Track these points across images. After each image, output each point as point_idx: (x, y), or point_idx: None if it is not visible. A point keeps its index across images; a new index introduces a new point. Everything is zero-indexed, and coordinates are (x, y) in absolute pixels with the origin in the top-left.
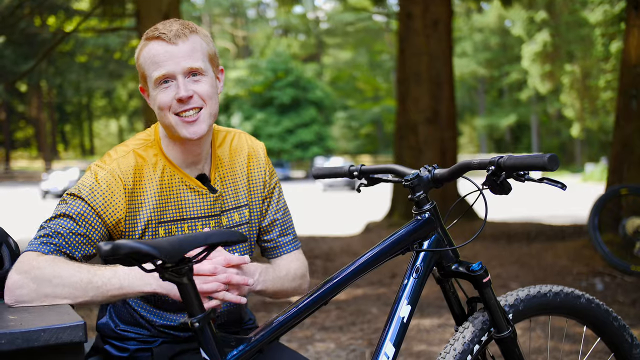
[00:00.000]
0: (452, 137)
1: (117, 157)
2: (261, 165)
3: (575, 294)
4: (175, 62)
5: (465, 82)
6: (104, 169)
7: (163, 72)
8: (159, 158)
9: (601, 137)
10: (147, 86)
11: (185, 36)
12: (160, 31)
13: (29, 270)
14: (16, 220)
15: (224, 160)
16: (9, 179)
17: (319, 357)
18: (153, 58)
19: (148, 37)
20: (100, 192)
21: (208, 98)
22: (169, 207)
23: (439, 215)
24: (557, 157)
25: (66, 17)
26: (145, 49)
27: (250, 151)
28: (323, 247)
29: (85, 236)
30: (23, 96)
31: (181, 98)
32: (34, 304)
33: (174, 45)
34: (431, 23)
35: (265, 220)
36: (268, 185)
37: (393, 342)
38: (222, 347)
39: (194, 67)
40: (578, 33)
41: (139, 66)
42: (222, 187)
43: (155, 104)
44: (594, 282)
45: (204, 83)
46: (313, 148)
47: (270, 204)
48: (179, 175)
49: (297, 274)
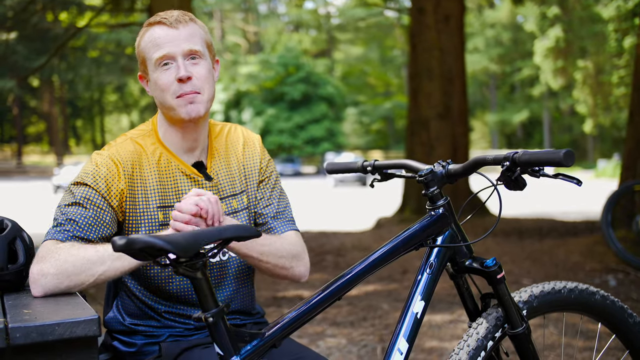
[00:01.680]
0: (464, 132)
1: (115, 144)
2: (256, 154)
3: (590, 290)
4: (175, 44)
5: (477, 78)
6: (102, 155)
7: (164, 52)
8: (156, 146)
9: (614, 133)
10: (146, 72)
11: (186, 22)
12: (161, 17)
13: (49, 258)
14: (29, 215)
15: (220, 150)
16: (21, 174)
17: (330, 353)
18: (154, 41)
19: (149, 23)
20: (101, 176)
21: (206, 81)
22: (166, 192)
23: (452, 211)
24: (572, 153)
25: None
26: (146, 34)
27: (246, 141)
28: (334, 243)
29: (97, 219)
30: (35, 91)
31: (181, 78)
32: (60, 290)
33: (174, 29)
34: (443, 18)
35: (260, 204)
36: (264, 171)
37: (406, 338)
38: (235, 342)
39: (194, 49)
40: (591, 28)
41: (139, 52)
42: (217, 175)
43: (157, 85)
44: (607, 278)
45: (202, 67)
46: (324, 144)
47: (266, 188)
48: (176, 162)
49: (287, 250)
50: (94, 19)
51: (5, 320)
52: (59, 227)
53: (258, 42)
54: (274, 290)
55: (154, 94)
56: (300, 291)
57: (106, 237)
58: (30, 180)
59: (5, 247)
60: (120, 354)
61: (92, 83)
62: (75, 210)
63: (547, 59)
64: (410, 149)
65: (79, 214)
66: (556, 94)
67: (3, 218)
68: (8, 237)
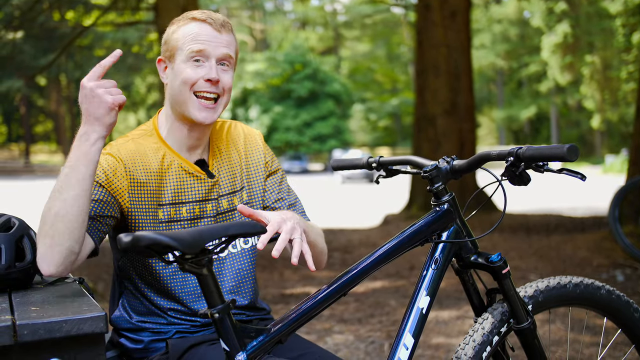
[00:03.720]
0: (471, 129)
1: (116, 144)
2: (259, 149)
3: (596, 285)
4: (214, 46)
5: (484, 74)
6: (104, 154)
7: (202, 47)
8: (159, 145)
9: (622, 129)
10: (172, 59)
11: (228, 29)
12: (207, 15)
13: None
14: (36, 214)
15: (221, 147)
16: (28, 173)
17: (337, 349)
18: (196, 36)
19: (194, 17)
20: (103, 171)
21: (228, 90)
22: (168, 190)
23: (457, 207)
24: (576, 148)
25: (85, 11)
26: (187, 26)
27: (247, 137)
28: (341, 240)
29: (103, 214)
30: (42, 90)
31: (211, 79)
32: (61, 256)
33: (217, 32)
34: (449, 14)
35: (271, 198)
36: (269, 166)
37: (412, 333)
38: (242, 338)
39: (230, 54)
40: (598, 24)
41: (172, 39)
42: (219, 172)
43: (181, 76)
44: (615, 273)
45: (229, 75)
46: (331, 141)
47: (275, 182)
48: (179, 160)
49: (318, 232)
50: (101, 17)
51: (13, 317)
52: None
53: (264, 39)
54: (281, 287)
55: (171, 83)
56: (307, 288)
57: (104, 215)
58: (38, 179)
59: (12, 245)
60: (128, 350)
61: None
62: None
63: (554, 54)
64: (417, 146)
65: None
66: (563, 90)
67: (10, 217)
68: (15, 235)
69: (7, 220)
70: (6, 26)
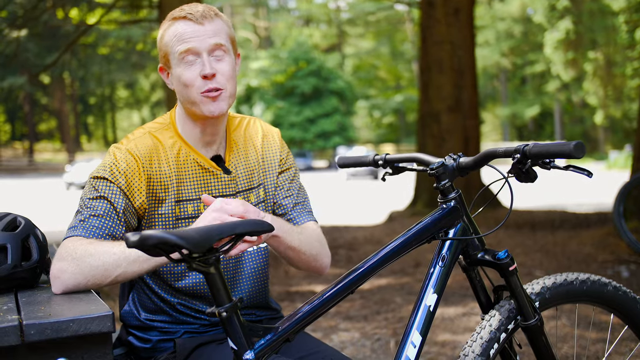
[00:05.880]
0: (475, 125)
1: (134, 138)
2: (276, 146)
3: (602, 281)
4: (200, 40)
5: (487, 71)
6: (121, 150)
7: (188, 46)
8: (175, 140)
9: (625, 125)
10: (169, 65)
11: (211, 17)
12: (186, 11)
13: (70, 254)
14: (42, 212)
15: (239, 143)
16: (32, 171)
17: (344, 347)
18: (179, 36)
19: (174, 17)
20: (120, 170)
21: (229, 77)
22: (184, 186)
23: (464, 204)
24: (583, 145)
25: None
26: (171, 28)
27: (265, 134)
28: (346, 237)
29: (119, 213)
30: (46, 88)
31: (206, 75)
32: (79, 288)
33: (200, 25)
34: (453, 11)
35: (280, 195)
36: (284, 163)
37: (420, 331)
38: (249, 337)
39: (219, 42)
40: (601, 20)
41: (162, 45)
42: (236, 169)
43: (180, 80)
44: (620, 269)
45: (226, 63)
46: (335, 138)
47: (286, 179)
48: (195, 155)
49: (315, 239)
50: (104, 15)
51: (20, 317)
52: (82, 222)
53: (268, 37)
54: (287, 285)
55: (177, 89)
56: (313, 286)
57: (128, 232)
58: (42, 177)
59: (19, 245)
60: (135, 349)
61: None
62: (97, 205)
63: (557, 51)
64: (422, 142)
65: (101, 209)
66: (567, 86)
67: (16, 216)
68: (21, 234)
69: (13, 219)
70: (10, 25)
